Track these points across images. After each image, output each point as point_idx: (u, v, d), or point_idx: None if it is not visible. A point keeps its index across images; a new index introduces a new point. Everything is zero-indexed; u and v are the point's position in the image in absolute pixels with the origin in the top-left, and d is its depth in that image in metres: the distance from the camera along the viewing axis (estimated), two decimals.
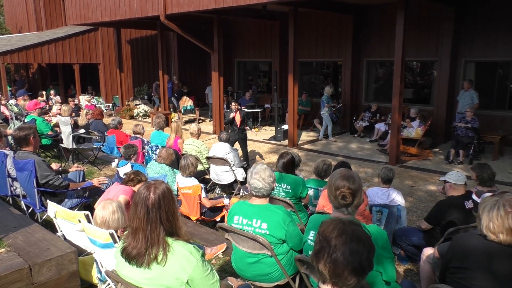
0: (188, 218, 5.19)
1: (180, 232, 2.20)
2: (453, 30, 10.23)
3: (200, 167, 6.68)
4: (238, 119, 8.57)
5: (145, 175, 4.51)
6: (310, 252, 2.43)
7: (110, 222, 3.15)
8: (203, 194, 5.14)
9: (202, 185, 5.24)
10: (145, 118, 15.81)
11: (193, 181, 5.12)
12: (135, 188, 4.19)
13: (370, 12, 11.98)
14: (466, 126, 8.95)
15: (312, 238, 2.71)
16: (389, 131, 9.69)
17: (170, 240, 2.14)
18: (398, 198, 4.76)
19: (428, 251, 3.46)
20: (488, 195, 2.52)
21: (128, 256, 2.12)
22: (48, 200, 4.09)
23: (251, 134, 9.42)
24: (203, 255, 2.19)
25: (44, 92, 14.92)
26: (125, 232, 2.24)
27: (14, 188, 5.29)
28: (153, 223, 2.10)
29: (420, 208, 6.31)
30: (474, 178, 4.50)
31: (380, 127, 11.01)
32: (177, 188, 5.25)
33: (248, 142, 9.04)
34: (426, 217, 4.32)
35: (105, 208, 3.18)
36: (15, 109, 11.21)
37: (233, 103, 8.88)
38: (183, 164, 5.15)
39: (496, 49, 9.99)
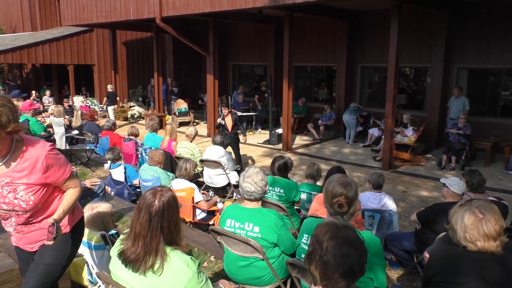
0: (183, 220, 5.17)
1: (180, 242, 2.18)
2: (447, 37, 10.34)
3: None
4: (229, 123, 8.53)
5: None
6: (303, 255, 2.43)
7: (94, 225, 3.22)
8: (198, 198, 5.13)
9: (194, 186, 5.24)
10: (139, 120, 15.77)
11: (186, 184, 5.12)
12: None
13: (365, 18, 12.07)
14: (458, 132, 9.03)
15: (305, 241, 2.71)
16: (382, 136, 9.74)
17: (168, 249, 2.12)
18: (390, 203, 4.80)
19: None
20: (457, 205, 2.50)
21: (126, 260, 2.11)
22: None
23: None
24: (199, 265, 2.18)
25: (34, 92, 14.84)
26: (125, 231, 2.22)
27: None
28: (153, 231, 2.07)
29: (412, 214, 6.33)
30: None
31: (374, 132, 11.08)
32: None
33: (242, 145, 9.03)
34: (419, 213, 4.37)
35: (88, 211, 3.28)
36: None
37: (223, 108, 8.77)
38: (180, 164, 5.30)
39: (488, 57, 10.11)
